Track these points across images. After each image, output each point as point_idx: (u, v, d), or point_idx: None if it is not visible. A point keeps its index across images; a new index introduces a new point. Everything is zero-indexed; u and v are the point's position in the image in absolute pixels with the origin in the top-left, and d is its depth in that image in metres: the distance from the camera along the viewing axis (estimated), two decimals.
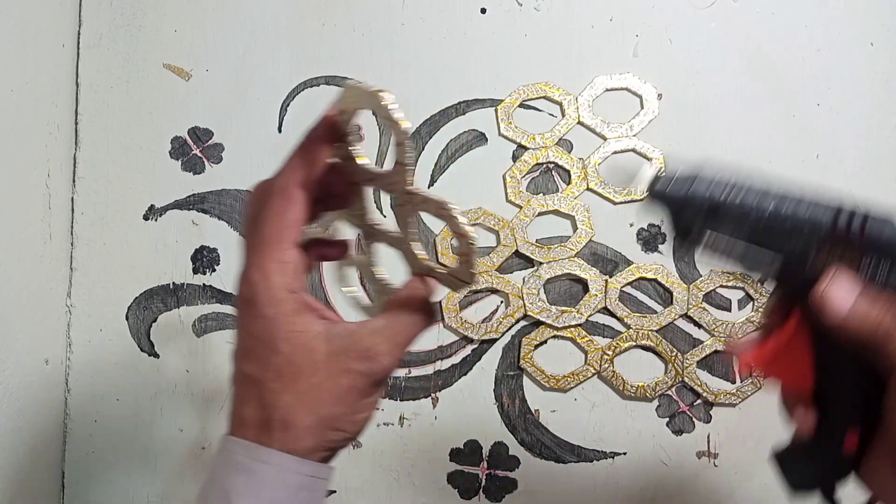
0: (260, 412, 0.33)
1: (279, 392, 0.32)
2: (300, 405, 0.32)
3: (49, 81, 0.61)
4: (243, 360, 0.34)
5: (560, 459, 0.61)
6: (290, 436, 0.32)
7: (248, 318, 0.34)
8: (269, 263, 0.34)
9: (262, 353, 0.33)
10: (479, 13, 0.63)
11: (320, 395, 0.33)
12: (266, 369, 0.33)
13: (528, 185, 0.62)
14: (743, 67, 0.61)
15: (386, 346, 0.34)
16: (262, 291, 0.34)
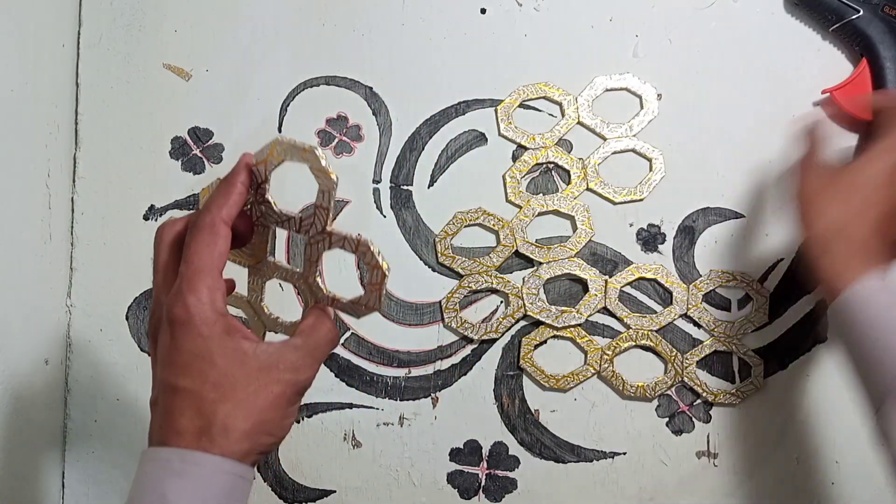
0: (198, 421, 0.36)
1: (218, 401, 0.36)
2: (238, 412, 0.36)
3: (49, 81, 0.61)
4: (177, 375, 0.37)
5: (560, 459, 0.61)
6: (230, 440, 0.35)
7: (183, 337, 0.37)
8: (202, 289, 0.37)
9: (199, 367, 0.37)
10: (479, 13, 0.63)
11: (256, 402, 0.36)
12: (204, 382, 0.36)
13: (528, 185, 0.62)
14: (743, 67, 0.61)
15: (307, 360, 0.39)
16: (197, 314, 0.37)
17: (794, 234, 0.60)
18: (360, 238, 0.41)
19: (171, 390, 0.37)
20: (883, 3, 0.57)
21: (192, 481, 0.35)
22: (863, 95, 0.58)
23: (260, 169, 0.40)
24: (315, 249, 0.42)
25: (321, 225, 0.41)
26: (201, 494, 0.35)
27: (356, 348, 0.62)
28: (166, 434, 0.36)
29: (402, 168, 0.63)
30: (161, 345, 0.38)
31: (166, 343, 0.38)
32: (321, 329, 0.41)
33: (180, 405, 0.36)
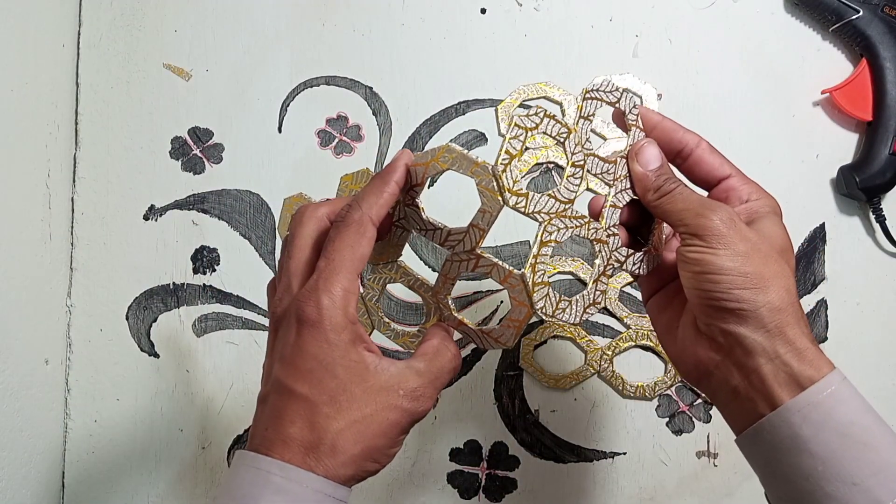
0: (309, 434, 0.34)
1: (331, 417, 0.34)
2: (349, 433, 0.34)
3: (49, 81, 0.61)
4: (296, 379, 0.34)
5: (560, 459, 0.61)
6: (337, 462, 0.34)
7: (309, 339, 0.34)
8: (338, 290, 0.35)
9: (319, 375, 0.34)
10: (479, 13, 0.63)
11: (370, 426, 0.35)
12: (321, 392, 0.34)
13: (529, 184, 0.62)
14: (743, 67, 0.61)
15: (429, 390, 0.37)
16: (328, 317, 0.34)
17: None
18: (512, 271, 0.38)
19: (286, 392, 0.35)
20: (883, 3, 0.57)
21: (292, 501, 0.33)
22: (863, 95, 0.58)
23: (418, 171, 0.38)
24: (456, 267, 0.39)
25: (471, 244, 0.39)
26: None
27: None
28: (272, 441, 0.34)
29: None
30: (283, 340, 0.35)
31: (290, 341, 0.35)
32: (445, 355, 0.38)
33: (293, 411, 0.34)
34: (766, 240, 0.37)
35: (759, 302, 0.35)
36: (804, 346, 0.35)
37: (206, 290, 0.63)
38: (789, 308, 0.35)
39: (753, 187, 0.41)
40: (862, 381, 0.60)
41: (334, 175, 0.63)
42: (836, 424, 0.34)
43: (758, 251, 0.36)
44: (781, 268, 0.36)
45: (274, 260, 0.63)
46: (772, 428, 0.35)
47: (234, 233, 0.63)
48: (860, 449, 0.33)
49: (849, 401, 0.35)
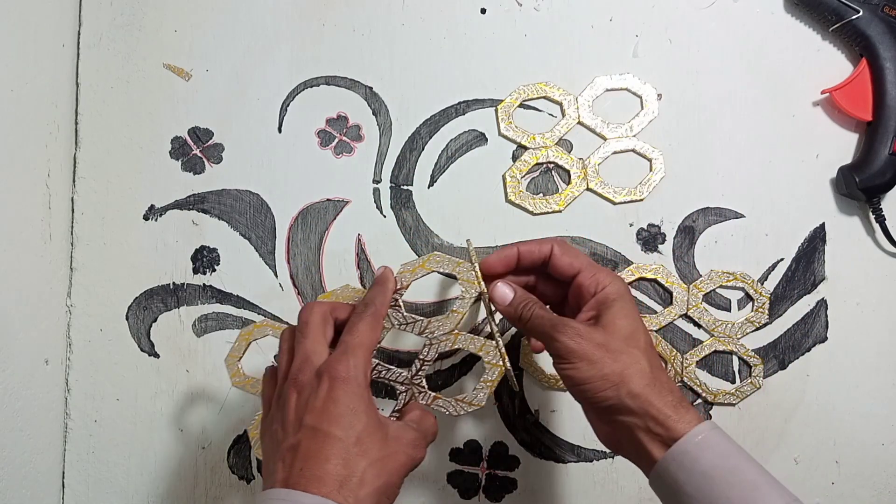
0: (343, 469, 0.40)
1: (360, 455, 0.41)
2: (372, 470, 0.41)
3: (49, 81, 0.61)
4: (331, 423, 0.41)
5: (560, 459, 0.61)
6: (363, 493, 0.40)
7: (341, 391, 0.42)
8: (361, 357, 0.43)
9: (350, 420, 0.41)
10: (479, 13, 0.63)
11: (387, 465, 0.42)
12: (351, 434, 0.41)
13: (528, 184, 0.62)
14: (743, 67, 0.61)
15: (422, 443, 0.45)
16: (356, 375, 0.42)
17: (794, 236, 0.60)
18: (485, 342, 0.49)
19: (321, 436, 0.41)
20: (883, 4, 0.57)
21: None
22: (862, 95, 0.58)
23: (405, 276, 0.50)
24: (434, 349, 0.49)
25: (452, 326, 0.49)
26: None
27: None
28: (308, 479, 0.39)
29: (402, 168, 0.63)
30: (313, 396, 0.42)
31: (322, 395, 0.42)
32: (428, 421, 0.47)
33: (328, 451, 0.40)
34: (613, 335, 0.44)
35: (621, 395, 0.43)
36: (667, 413, 0.42)
37: (206, 290, 0.63)
38: (647, 389, 0.42)
39: (600, 277, 0.47)
40: (862, 381, 0.61)
41: (334, 175, 0.63)
42: (701, 468, 0.40)
43: (608, 350, 0.43)
44: (631, 356, 0.44)
45: (274, 260, 0.63)
46: (657, 477, 0.42)
47: (234, 233, 0.63)
48: (724, 487, 0.40)
49: (714, 447, 0.41)
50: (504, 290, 0.49)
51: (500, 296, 0.49)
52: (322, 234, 0.63)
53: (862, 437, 0.60)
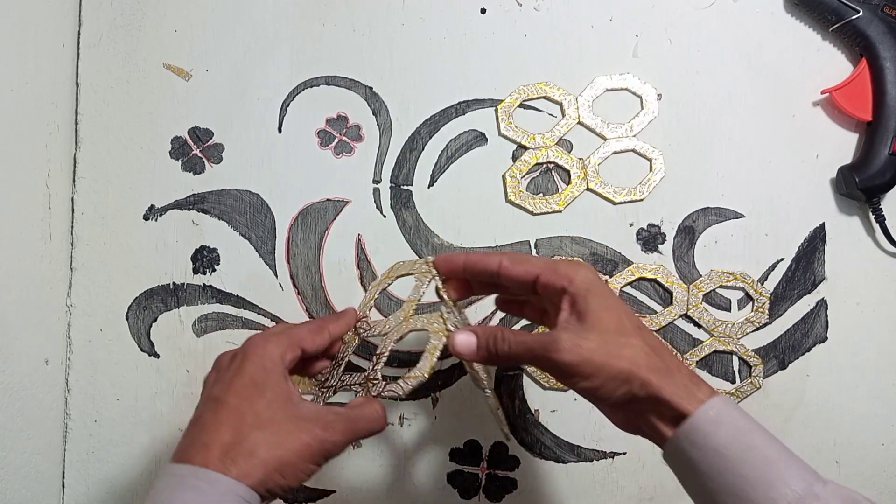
0: (230, 437, 0.40)
1: (254, 427, 0.40)
2: (266, 442, 0.40)
3: (49, 81, 0.61)
4: (230, 393, 0.42)
5: (560, 459, 0.61)
6: (250, 464, 0.39)
7: (249, 364, 0.43)
8: (285, 344, 0.45)
9: (251, 392, 0.42)
10: (479, 13, 0.63)
11: (284, 442, 0.40)
12: (250, 406, 0.41)
13: (528, 184, 0.62)
14: (743, 67, 0.61)
15: (341, 427, 0.43)
16: (269, 351, 0.43)
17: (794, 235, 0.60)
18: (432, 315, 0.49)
19: (220, 405, 0.41)
20: (883, 4, 0.57)
21: (204, 497, 0.38)
22: (862, 95, 0.58)
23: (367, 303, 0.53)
24: (388, 340, 0.50)
25: (404, 316, 0.51)
26: None
27: (356, 349, 0.62)
28: (195, 448, 0.40)
29: (402, 168, 0.63)
30: (226, 371, 0.43)
31: (233, 369, 0.43)
32: (366, 407, 0.45)
33: (221, 419, 0.41)
34: (605, 332, 0.42)
35: (633, 389, 0.41)
36: (680, 395, 0.40)
37: (206, 290, 0.63)
38: (656, 375, 0.41)
39: (562, 270, 0.44)
40: (862, 381, 0.61)
41: (334, 175, 0.63)
42: (714, 445, 0.39)
43: (608, 351, 0.41)
44: (631, 348, 0.41)
45: (274, 260, 0.63)
46: (670, 455, 0.41)
47: (234, 233, 0.63)
48: (738, 465, 0.38)
49: (728, 423, 0.39)
50: (462, 338, 0.45)
51: (463, 345, 0.45)
52: (322, 234, 0.63)
53: (862, 437, 0.60)
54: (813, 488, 0.37)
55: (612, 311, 0.43)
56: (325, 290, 0.62)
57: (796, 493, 0.37)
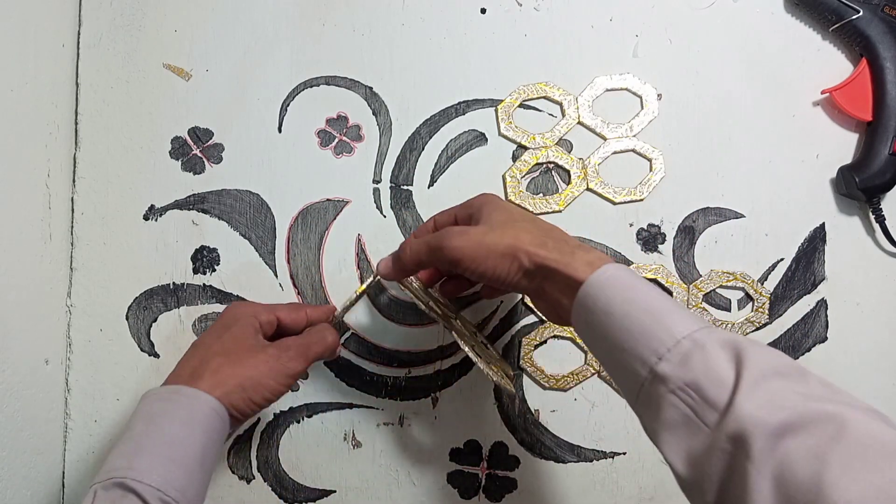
0: (199, 362, 0.48)
1: (218, 354, 0.49)
2: (229, 362, 0.48)
3: (49, 81, 0.61)
4: (203, 336, 0.51)
5: (560, 459, 0.61)
6: (213, 380, 0.47)
7: (227, 313, 0.53)
8: (263, 309, 0.54)
9: (219, 331, 0.51)
10: (479, 13, 0.63)
11: (245, 362, 0.48)
12: (215, 341, 0.50)
13: (528, 184, 0.62)
14: (743, 67, 0.61)
15: (296, 349, 0.51)
16: (249, 313, 0.52)
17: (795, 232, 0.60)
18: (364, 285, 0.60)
19: (195, 347, 0.50)
20: (883, 4, 0.57)
21: (175, 404, 0.45)
22: (862, 95, 0.58)
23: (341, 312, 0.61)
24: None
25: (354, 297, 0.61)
26: (181, 414, 0.45)
27: (356, 348, 0.62)
28: (168, 379, 0.49)
29: (402, 168, 0.63)
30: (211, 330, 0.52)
31: (214, 323, 0.52)
32: (319, 333, 0.54)
33: (192, 353, 0.50)
34: (492, 223, 0.46)
35: (523, 262, 0.44)
36: (566, 262, 0.43)
37: (206, 290, 0.63)
38: (540, 248, 0.44)
39: (466, 204, 0.52)
40: (862, 381, 0.61)
41: (334, 175, 0.63)
42: (603, 306, 0.41)
43: (492, 230, 0.46)
44: (515, 227, 0.45)
45: (274, 260, 0.63)
46: (575, 326, 0.44)
47: (234, 233, 0.63)
48: (622, 319, 0.40)
49: (616, 284, 0.41)
50: (382, 261, 0.52)
51: (382, 265, 0.52)
52: (322, 234, 0.63)
53: None
54: (695, 335, 0.38)
55: (503, 210, 0.48)
56: (325, 290, 0.62)
57: (676, 340, 0.38)
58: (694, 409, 0.36)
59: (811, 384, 0.35)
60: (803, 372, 0.36)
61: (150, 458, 0.43)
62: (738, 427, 0.33)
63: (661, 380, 0.37)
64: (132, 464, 0.42)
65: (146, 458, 0.43)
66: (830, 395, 0.35)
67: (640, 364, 0.39)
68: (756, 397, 0.34)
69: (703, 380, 0.36)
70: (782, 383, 0.35)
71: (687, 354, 0.37)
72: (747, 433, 0.33)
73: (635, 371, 0.39)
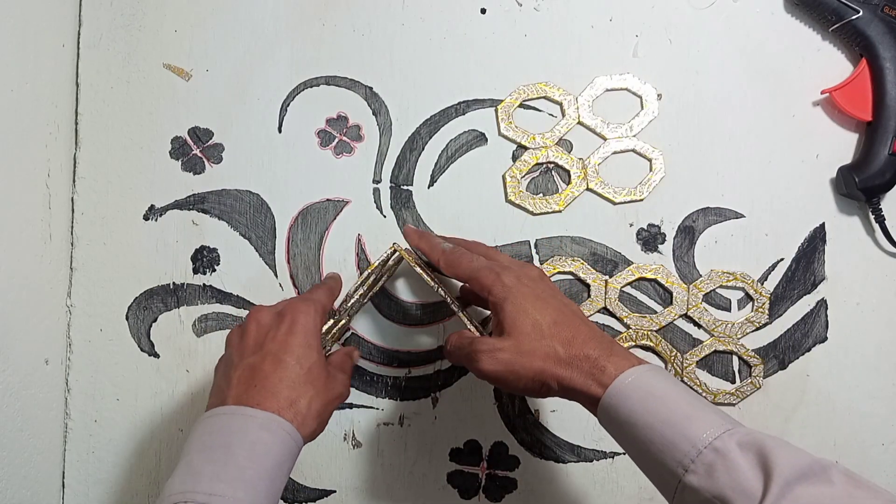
0: (293, 393, 0.46)
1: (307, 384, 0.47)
2: (317, 399, 0.47)
3: (49, 81, 0.61)
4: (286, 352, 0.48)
5: (560, 459, 0.61)
6: (306, 419, 0.46)
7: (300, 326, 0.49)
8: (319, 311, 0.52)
9: (304, 351, 0.48)
10: (479, 13, 0.63)
11: (326, 396, 0.48)
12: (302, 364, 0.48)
13: (528, 184, 0.62)
14: (743, 67, 0.61)
15: (349, 381, 0.53)
16: (314, 320, 0.51)
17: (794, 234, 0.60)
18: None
19: (279, 362, 0.47)
20: (883, 4, 0.57)
21: (275, 439, 0.43)
22: (862, 95, 0.58)
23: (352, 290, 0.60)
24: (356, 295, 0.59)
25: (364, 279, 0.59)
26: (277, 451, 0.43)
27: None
28: (263, 395, 0.45)
29: (402, 168, 0.63)
30: (275, 328, 0.49)
31: (284, 329, 0.49)
32: (348, 364, 0.55)
33: (282, 374, 0.46)
34: (520, 337, 0.46)
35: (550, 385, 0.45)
36: (588, 383, 0.44)
37: (206, 290, 0.63)
38: (565, 370, 0.45)
39: (484, 282, 0.49)
40: (862, 381, 0.61)
41: (334, 175, 0.63)
42: (624, 417, 0.42)
43: (521, 355, 0.46)
44: (543, 347, 0.45)
45: (274, 260, 0.63)
46: (606, 430, 0.44)
47: (234, 233, 0.63)
48: (645, 431, 0.41)
49: (634, 394, 0.42)
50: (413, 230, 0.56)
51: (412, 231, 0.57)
52: (322, 234, 0.63)
53: (862, 437, 0.60)
54: (716, 443, 0.38)
55: (524, 316, 0.46)
56: None
57: (698, 451, 0.38)
58: None
59: (836, 483, 0.36)
60: (827, 469, 0.37)
61: (256, 494, 0.41)
62: None
63: (690, 490, 0.38)
64: (237, 494, 0.41)
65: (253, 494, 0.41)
66: (854, 492, 0.36)
67: (669, 475, 0.40)
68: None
69: (730, 492, 0.37)
70: (808, 489, 0.36)
71: (711, 465, 0.38)
72: None
73: (666, 480, 0.40)
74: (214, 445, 0.42)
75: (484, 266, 0.50)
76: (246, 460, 0.42)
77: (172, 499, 0.40)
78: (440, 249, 0.53)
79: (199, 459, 0.42)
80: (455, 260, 0.51)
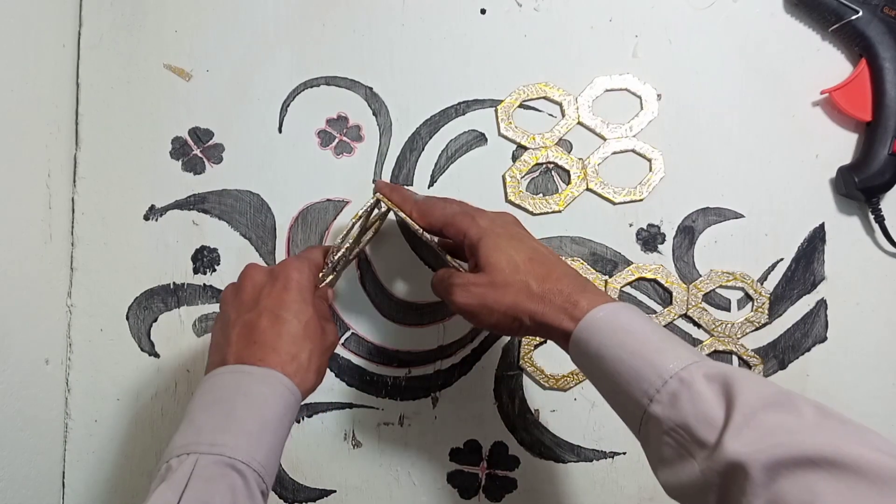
0: (293, 348, 0.47)
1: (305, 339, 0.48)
2: (315, 353, 0.48)
3: (50, 82, 0.61)
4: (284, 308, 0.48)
5: (560, 459, 0.61)
6: (307, 374, 0.47)
7: (295, 283, 0.49)
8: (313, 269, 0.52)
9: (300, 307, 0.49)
10: (478, 14, 0.63)
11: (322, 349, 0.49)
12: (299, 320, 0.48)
13: (528, 185, 0.62)
14: (743, 67, 0.61)
15: (336, 329, 0.53)
16: (308, 277, 0.51)
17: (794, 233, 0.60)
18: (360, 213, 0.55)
19: (277, 318, 0.47)
20: (882, 4, 0.57)
21: (277, 393, 0.44)
22: (862, 96, 0.58)
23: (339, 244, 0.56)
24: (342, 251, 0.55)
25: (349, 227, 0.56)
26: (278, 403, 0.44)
27: (356, 348, 0.62)
28: (264, 351, 0.46)
29: (402, 168, 0.63)
30: (269, 286, 0.49)
31: (278, 286, 0.49)
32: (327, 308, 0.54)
33: (281, 330, 0.47)
34: (494, 272, 0.46)
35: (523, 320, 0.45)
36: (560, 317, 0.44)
37: (206, 290, 0.63)
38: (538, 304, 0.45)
39: (459, 226, 0.49)
40: (862, 381, 0.61)
41: (334, 175, 0.63)
42: (594, 351, 0.42)
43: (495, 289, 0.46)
44: (516, 283, 0.45)
45: (274, 260, 0.63)
46: (576, 364, 0.45)
47: (235, 233, 0.63)
48: (613, 363, 0.41)
49: (604, 328, 0.42)
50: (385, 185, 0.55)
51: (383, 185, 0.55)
52: (322, 234, 0.63)
53: None
54: (682, 373, 0.38)
55: (502, 252, 0.47)
56: None
57: (664, 380, 0.38)
58: (686, 449, 0.37)
59: (803, 412, 0.35)
60: (794, 399, 0.36)
61: (258, 445, 0.42)
62: (728, 466, 0.34)
63: (654, 421, 0.38)
64: (239, 443, 0.41)
65: (255, 445, 0.42)
66: (822, 422, 0.34)
67: (635, 405, 0.39)
68: (746, 435, 0.34)
69: (692, 420, 0.36)
70: (773, 416, 0.35)
71: (675, 394, 0.37)
72: (738, 471, 0.33)
73: (632, 412, 0.40)
74: (216, 401, 0.43)
75: (458, 211, 0.50)
76: (246, 413, 0.42)
77: (175, 452, 0.42)
78: (412, 200, 0.52)
79: (200, 416, 0.43)
80: (428, 209, 0.51)
